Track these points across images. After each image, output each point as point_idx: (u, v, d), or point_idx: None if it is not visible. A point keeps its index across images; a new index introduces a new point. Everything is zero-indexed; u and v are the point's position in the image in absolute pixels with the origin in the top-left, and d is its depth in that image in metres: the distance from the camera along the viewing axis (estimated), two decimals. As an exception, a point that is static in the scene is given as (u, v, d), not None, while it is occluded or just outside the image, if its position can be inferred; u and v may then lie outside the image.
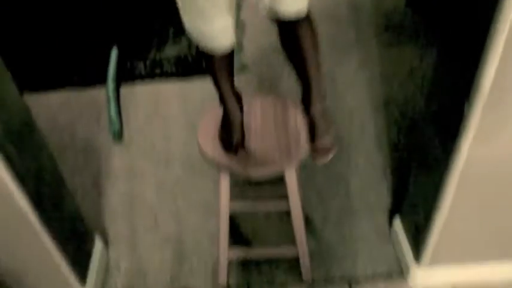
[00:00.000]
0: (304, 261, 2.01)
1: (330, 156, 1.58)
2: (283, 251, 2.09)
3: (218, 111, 1.79)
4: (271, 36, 3.10)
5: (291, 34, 1.52)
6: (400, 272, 2.08)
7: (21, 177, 1.58)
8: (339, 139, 2.62)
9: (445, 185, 1.68)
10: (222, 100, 1.69)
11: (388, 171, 2.46)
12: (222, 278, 2.04)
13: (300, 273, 2.06)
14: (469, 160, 1.58)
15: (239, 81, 2.81)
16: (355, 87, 2.92)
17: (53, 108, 2.96)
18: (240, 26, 3.25)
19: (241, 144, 1.69)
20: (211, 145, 1.71)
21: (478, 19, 1.40)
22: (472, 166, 1.60)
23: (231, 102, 1.69)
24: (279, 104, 1.83)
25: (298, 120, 1.76)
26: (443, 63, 1.68)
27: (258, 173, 1.64)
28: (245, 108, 1.76)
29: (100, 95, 3.02)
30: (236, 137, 1.68)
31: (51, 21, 3.44)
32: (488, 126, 1.50)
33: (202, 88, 3.00)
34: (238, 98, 1.73)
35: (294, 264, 2.10)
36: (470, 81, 1.43)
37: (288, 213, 1.85)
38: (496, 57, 1.34)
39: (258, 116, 1.79)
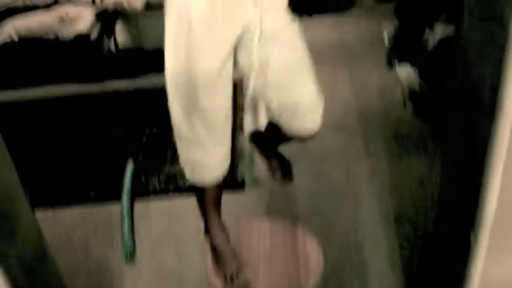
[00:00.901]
0: None
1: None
2: None
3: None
4: (283, 148, 3.14)
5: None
6: None
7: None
8: (350, 260, 2.61)
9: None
10: (209, 234, 1.73)
11: (402, 294, 2.44)
12: None
13: None
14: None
15: (250, 196, 2.87)
16: (365, 201, 2.94)
17: (66, 225, 3.00)
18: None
19: (239, 273, 1.69)
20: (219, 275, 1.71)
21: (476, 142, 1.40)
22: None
23: (219, 235, 1.72)
24: (288, 229, 1.85)
25: (307, 245, 1.77)
26: (447, 185, 1.68)
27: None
28: (254, 233, 1.78)
29: (115, 211, 3.05)
30: (231, 268, 1.69)
31: (63, 135, 3.49)
32: (498, 256, 1.45)
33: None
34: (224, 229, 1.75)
35: None
36: (473, 210, 1.40)
37: None
38: (496, 185, 1.32)
39: (267, 242, 1.81)
